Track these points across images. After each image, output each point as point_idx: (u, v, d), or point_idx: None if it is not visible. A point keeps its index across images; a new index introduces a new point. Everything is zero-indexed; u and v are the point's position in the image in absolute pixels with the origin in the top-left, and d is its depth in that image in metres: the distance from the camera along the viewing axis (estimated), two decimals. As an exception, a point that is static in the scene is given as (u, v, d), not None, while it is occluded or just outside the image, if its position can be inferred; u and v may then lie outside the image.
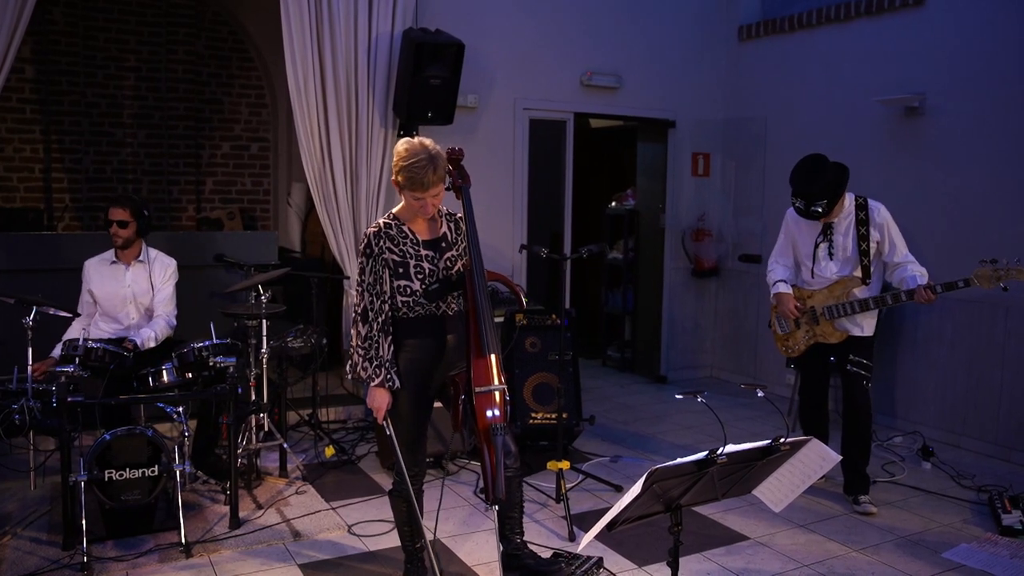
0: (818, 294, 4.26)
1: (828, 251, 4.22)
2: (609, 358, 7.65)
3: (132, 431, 3.68)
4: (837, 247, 4.20)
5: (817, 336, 4.26)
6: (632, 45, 6.49)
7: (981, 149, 5.14)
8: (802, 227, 4.30)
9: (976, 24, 5.14)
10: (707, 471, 2.20)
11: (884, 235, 4.15)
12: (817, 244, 4.24)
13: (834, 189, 4.03)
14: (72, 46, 7.53)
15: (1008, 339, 5.01)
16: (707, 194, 7.00)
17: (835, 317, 4.17)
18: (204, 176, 8.21)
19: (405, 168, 2.95)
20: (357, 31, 5.27)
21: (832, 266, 4.22)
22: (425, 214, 3.06)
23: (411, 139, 3.03)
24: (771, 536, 3.88)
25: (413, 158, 2.95)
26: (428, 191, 2.97)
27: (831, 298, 4.21)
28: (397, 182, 3.02)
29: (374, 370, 2.97)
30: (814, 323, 4.26)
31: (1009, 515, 3.98)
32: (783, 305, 4.32)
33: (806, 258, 4.30)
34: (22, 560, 3.48)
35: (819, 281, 4.26)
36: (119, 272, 4.35)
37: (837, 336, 4.20)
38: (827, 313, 4.19)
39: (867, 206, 4.15)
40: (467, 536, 3.83)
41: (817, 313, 4.23)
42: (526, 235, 6.20)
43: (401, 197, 3.07)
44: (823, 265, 4.23)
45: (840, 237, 4.19)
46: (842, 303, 4.15)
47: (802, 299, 4.31)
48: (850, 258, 4.18)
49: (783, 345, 4.45)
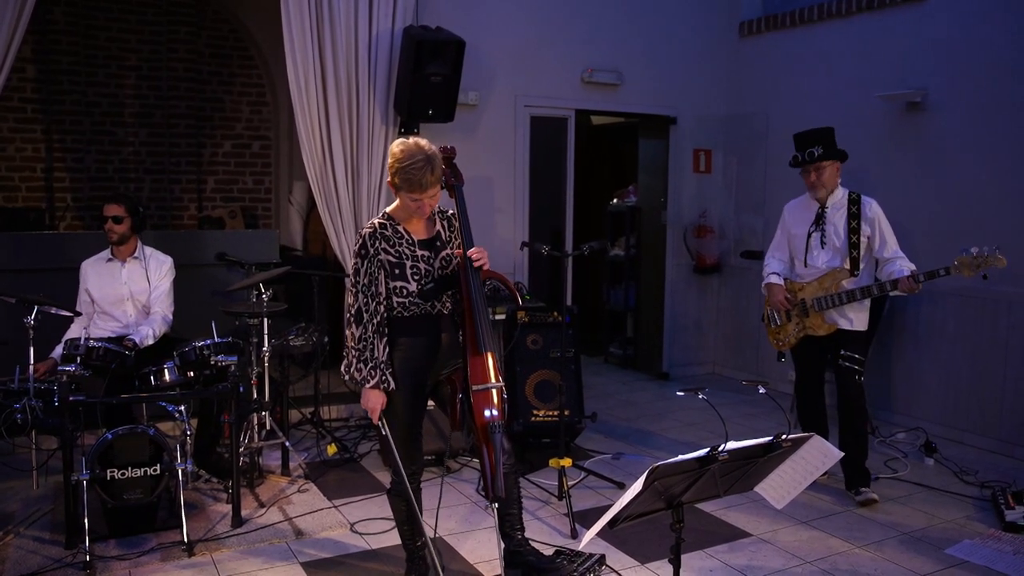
0: (808, 286, 4.33)
1: (820, 240, 4.30)
2: (611, 355, 7.65)
3: (134, 430, 3.68)
4: (829, 236, 4.27)
5: (807, 328, 4.33)
6: (633, 42, 6.48)
7: (982, 144, 5.12)
8: (797, 217, 4.43)
9: (977, 19, 5.12)
10: (709, 468, 2.20)
11: (875, 230, 4.22)
12: (810, 233, 4.32)
13: (828, 138, 4.24)
14: (73, 45, 7.53)
15: (1011, 334, 5.00)
16: (709, 190, 6.99)
17: (823, 309, 4.24)
18: (205, 175, 8.21)
19: (402, 170, 2.94)
20: (358, 29, 5.26)
21: (823, 255, 4.28)
22: (422, 215, 3.06)
23: (406, 140, 3.01)
24: (773, 533, 3.88)
25: (410, 160, 2.93)
26: (426, 192, 2.96)
27: (820, 290, 4.27)
28: (394, 183, 3.01)
29: (369, 372, 2.96)
30: (804, 315, 4.33)
31: (1012, 511, 3.97)
32: (773, 296, 4.41)
33: (799, 249, 4.39)
34: (25, 559, 3.48)
35: (811, 272, 4.33)
36: (115, 270, 4.37)
37: (825, 328, 4.27)
38: (816, 304, 4.26)
39: (860, 201, 4.26)
40: (469, 534, 3.83)
41: (807, 305, 4.30)
42: (527, 232, 6.19)
43: (396, 197, 3.06)
44: (815, 254, 4.30)
45: (831, 226, 4.27)
46: (830, 294, 4.21)
47: (793, 292, 4.39)
48: (839, 248, 4.25)
49: (775, 338, 4.53)
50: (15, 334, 4.05)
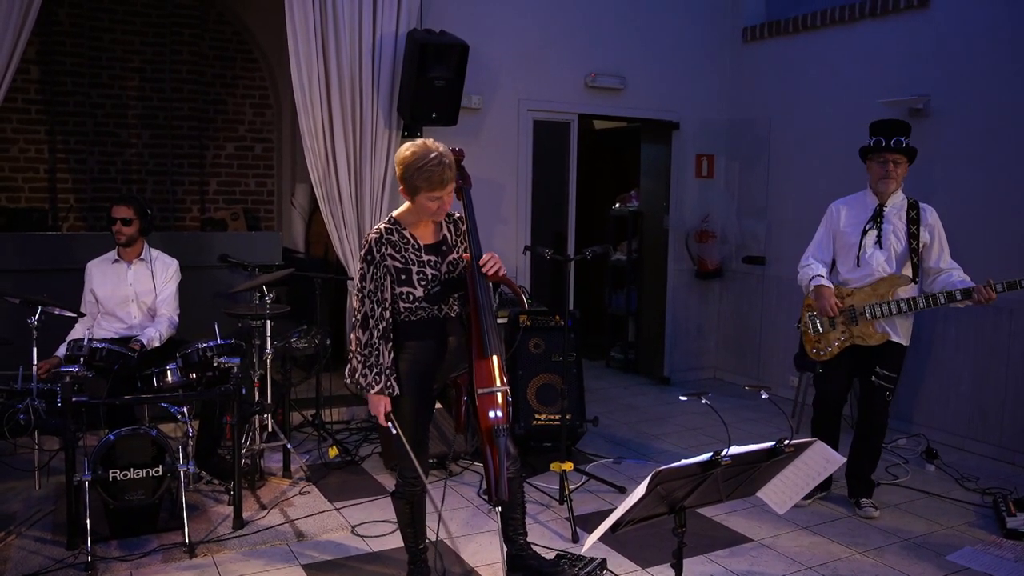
0: (859, 292, 4.00)
1: (877, 239, 3.98)
2: (613, 359, 7.65)
3: (136, 431, 3.69)
4: (887, 236, 3.96)
5: (854, 338, 4.00)
6: (636, 46, 6.49)
7: (985, 151, 5.13)
8: (849, 213, 4.07)
9: (981, 26, 5.13)
10: (711, 473, 2.20)
11: (934, 237, 3.99)
12: (865, 231, 3.99)
13: (909, 132, 3.91)
14: (77, 47, 7.55)
15: (1013, 341, 5.00)
16: (711, 195, 6.99)
17: (877, 317, 3.93)
18: (208, 177, 8.23)
19: (420, 170, 2.88)
20: (362, 32, 5.28)
21: (879, 256, 3.97)
22: (439, 215, 3.00)
23: (413, 141, 2.97)
24: (775, 538, 3.88)
25: (425, 158, 2.88)
26: (446, 188, 2.92)
27: (874, 296, 3.95)
28: (411, 187, 2.92)
29: (374, 377, 2.94)
30: (852, 323, 3.99)
31: (1014, 518, 3.97)
32: (823, 300, 3.98)
33: (850, 249, 4.03)
34: (26, 559, 3.48)
35: (862, 276, 4.01)
36: (121, 271, 4.38)
37: (878, 338, 3.96)
38: (868, 312, 3.93)
39: (918, 206, 3.99)
40: (471, 537, 3.83)
41: (857, 312, 3.97)
42: (530, 236, 6.20)
43: (409, 202, 3.00)
44: (869, 254, 3.98)
45: (890, 226, 3.96)
46: (887, 302, 3.90)
47: (840, 297, 4.03)
48: (900, 254, 3.97)
49: (814, 347, 4.14)
50: (19, 335, 4.06)
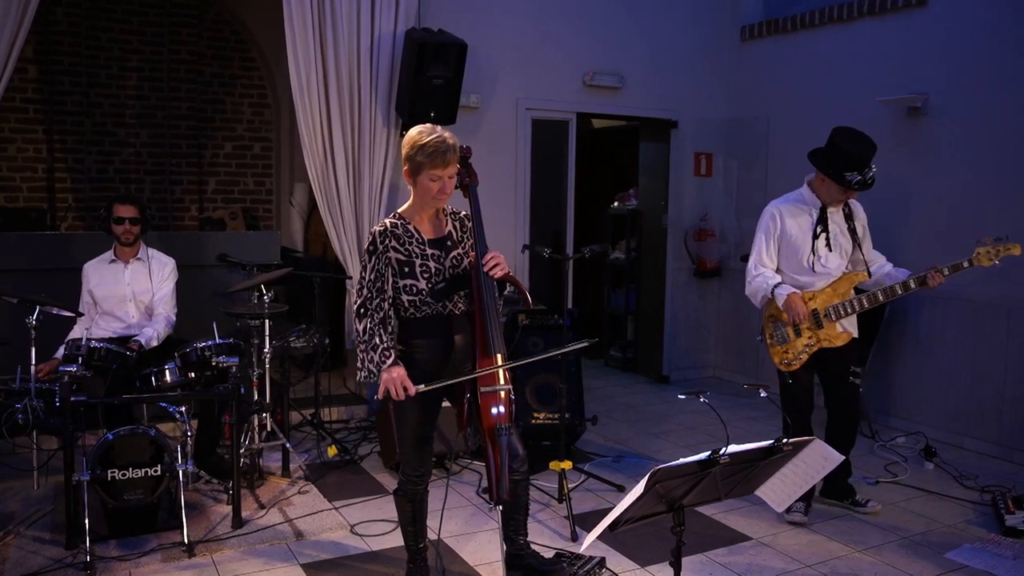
0: (820, 295, 3.96)
1: (826, 241, 3.94)
2: (611, 358, 7.65)
3: (135, 431, 3.69)
4: (835, 237, 3.94)
5: (822, 341, 3.95)
6: (634, 45, 6.49)
7: (983, 149, 5.13)
8: (795, 220, 3.98)
9: (979, 24, 5.13)
10: (710, 471, 2.20)
11: (865, 229, 4.05)
12: (816, 235, 3.94)
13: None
14: (75, 46, 7.54)
15: (1010, 339, 5.00)
16: (709, 194, 6.99)
17: (841, 316, 3.92)
18: (206, 176, 8.22)
19: (424, 146, 2.90)
20: (360, 31, 5.27)
21: (833, 258, 3.95)
22: (440, 200, 3.00)
23: (420, 125, 3.00)
24: (774, 536, 3.88)
25: (429, 136, 2.92)
26: (448, 168, 2.93)
27: (836, 296, 3.94)
28: (414, 165, 2.94)
29: (380, 355, 2.92)
30: (817, 327, 3.94)
31: (1012, 516, 3.97)
32: (797, 307, 3.87)
33: (802, 253, 3.95)
34: (25, 559, 3.48)
35: (819, 279, 3.97)
36: (118, 271, 4.38)
37: (843, 338, 3.94)
38: (832, 313, 3.92)
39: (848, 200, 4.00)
40: (470, 536, 3.83)
41: (820, 315, 3.94)
42: (528, 235, 6.20)
43: (412, 189, 3.02)
44: (823, 258, 3.94)
45: (835, 227, 3.96)
46: (848, 300, 3.91)
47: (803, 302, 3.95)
48: (849, 252, 4.01)
49: (782, 358, 4.01)
50: (17, 334, 4.06)
